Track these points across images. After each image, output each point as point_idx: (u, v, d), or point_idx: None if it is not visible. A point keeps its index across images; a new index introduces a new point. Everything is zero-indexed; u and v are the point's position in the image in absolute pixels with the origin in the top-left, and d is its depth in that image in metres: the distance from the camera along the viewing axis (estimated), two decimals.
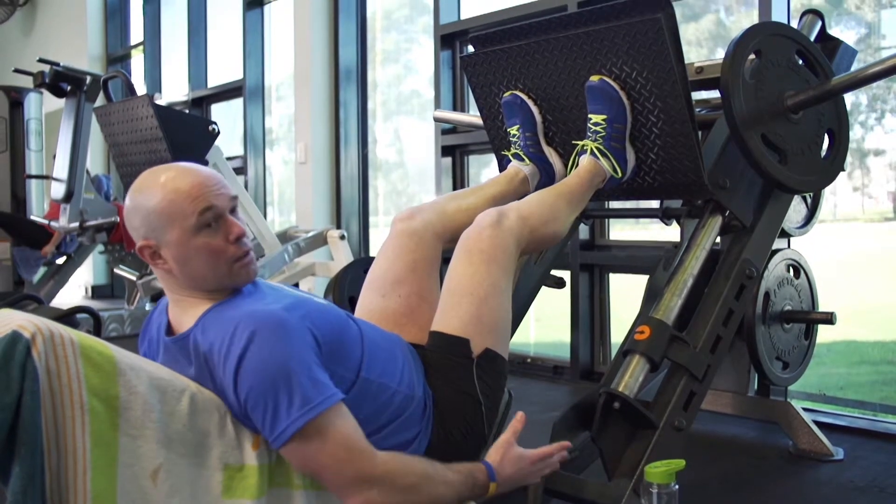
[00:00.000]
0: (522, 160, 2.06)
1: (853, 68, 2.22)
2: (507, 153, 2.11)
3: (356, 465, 1.31)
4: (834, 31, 2.30)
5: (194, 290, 1.39)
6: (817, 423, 2.33)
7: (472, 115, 2.77)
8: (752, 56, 1.91)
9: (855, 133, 3.03)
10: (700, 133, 1.96)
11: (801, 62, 2.00)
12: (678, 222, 2.32)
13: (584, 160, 1.93)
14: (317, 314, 1.41)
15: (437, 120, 3.44)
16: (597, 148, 1.92)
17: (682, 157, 1.88)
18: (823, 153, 2.04)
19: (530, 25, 2.02)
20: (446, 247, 1.81)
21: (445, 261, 1.75)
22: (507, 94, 2.09)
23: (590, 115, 1.93)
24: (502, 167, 2.18)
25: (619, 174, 1.94)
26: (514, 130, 2.09)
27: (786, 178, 1.92)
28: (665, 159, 1.92)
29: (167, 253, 1.35)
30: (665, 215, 2.17)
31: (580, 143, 1.96)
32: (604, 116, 1.90)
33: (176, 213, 1.33)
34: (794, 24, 2.27)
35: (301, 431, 1.27)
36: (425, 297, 1.72)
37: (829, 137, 2.05)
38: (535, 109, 2.07)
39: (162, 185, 1.34)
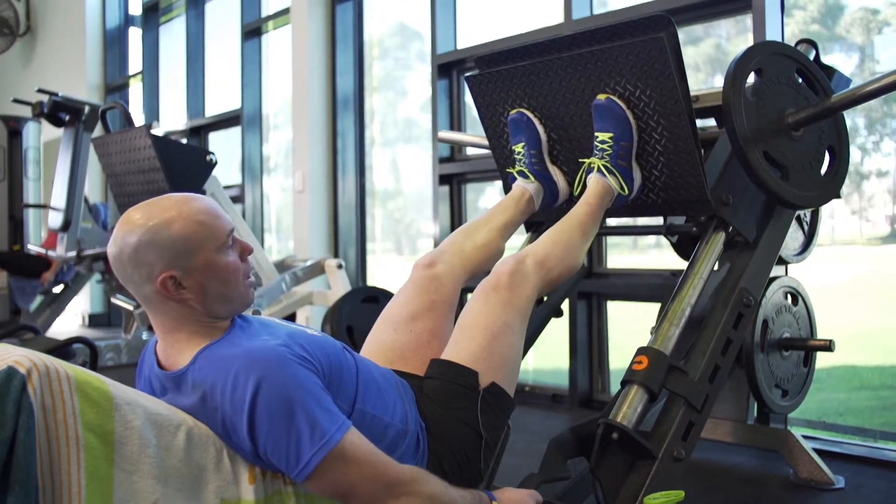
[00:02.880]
0: (527, 177, 2.07)
1: None
2: (511, 171, 2.12)
3: (385, 476, 1.34)
4: (829, 58, 2.31)
5: (207, 319, 1.38)
6: (818, 450, 2.32)
7: (478, 136, 2.78)
8: (754, 74, 1.93)
9: (853, 156, 3.03)
10: (703, 150, 1.97)
11: (800, 80, 2.02)
12: (682, 249, 2.32)
13: (592, 181, 1.94)
14: (314, 346, 1.42)
15: (441, 140, 3.45)
16: (604, 165, 1.92)
17: (686, 174, 1.89)
18: (824, 170, 2.05)
19: (535, 45, 2.04)
20: (465, 285, 1.86)
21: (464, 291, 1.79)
22: (513, 112, 2.11)
23: (596, 133, 1.94)
24: (507, 185, 2.20)
25: (626, 192, 1.94)
26: (518, 148, 2.10)
27: (788, 193, 1.93)
28: (669, 176, 1.93)
29: (191, 280, 1.34)
30: (668, 232, 2.18)
31: (587, 161, 1.97)
32: (610, 134, 1.91)
33: (207, 235, 1.34)
34: None
35: (325, 460, 1.28)
36: (437, 336, 1.72)
37: (830, 154, 2.07)
38: (540, 128, 2.08)
39: (176, 213, 1.33)
